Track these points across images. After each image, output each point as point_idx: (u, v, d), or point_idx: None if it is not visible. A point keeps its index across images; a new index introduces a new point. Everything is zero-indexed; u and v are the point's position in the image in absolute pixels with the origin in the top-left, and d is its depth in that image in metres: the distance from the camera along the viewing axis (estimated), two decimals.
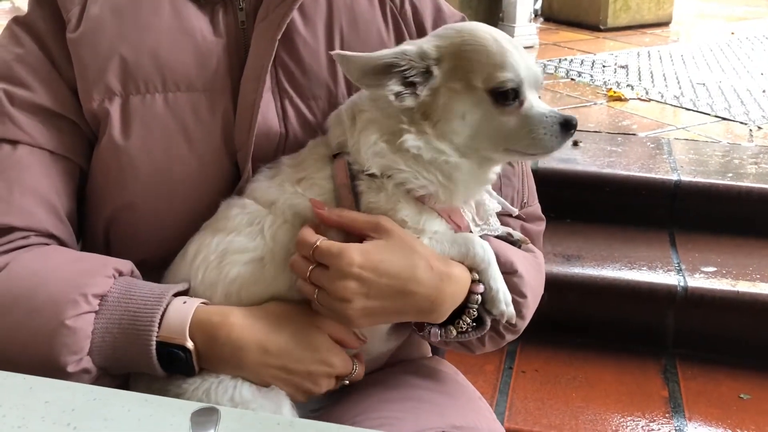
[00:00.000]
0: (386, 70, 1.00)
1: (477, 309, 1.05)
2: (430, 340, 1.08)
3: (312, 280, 0.98)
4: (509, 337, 1.15)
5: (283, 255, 1.02)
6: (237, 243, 1.04)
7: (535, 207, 1.26)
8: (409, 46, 1.02)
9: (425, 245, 1.01)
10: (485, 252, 1.04)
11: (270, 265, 1.03)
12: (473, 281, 1.04)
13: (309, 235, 0.99)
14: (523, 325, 1.14)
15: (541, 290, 1.20)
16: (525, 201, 1.23)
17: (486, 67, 1.00)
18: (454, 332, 1.05)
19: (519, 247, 1.15)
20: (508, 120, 1.00)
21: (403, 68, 1.00)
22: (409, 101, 1.00)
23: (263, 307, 1.03)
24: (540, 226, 1.26)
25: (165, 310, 0.98)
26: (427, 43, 1.03)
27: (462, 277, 1.03)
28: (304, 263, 0.99)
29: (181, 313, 0.98)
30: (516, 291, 1.09)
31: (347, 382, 1.06)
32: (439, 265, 1.00)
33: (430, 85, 1.01)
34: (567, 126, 1.00)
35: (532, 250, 1.19)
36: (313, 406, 1.10)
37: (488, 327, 1.08)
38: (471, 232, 1.08)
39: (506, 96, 1.00)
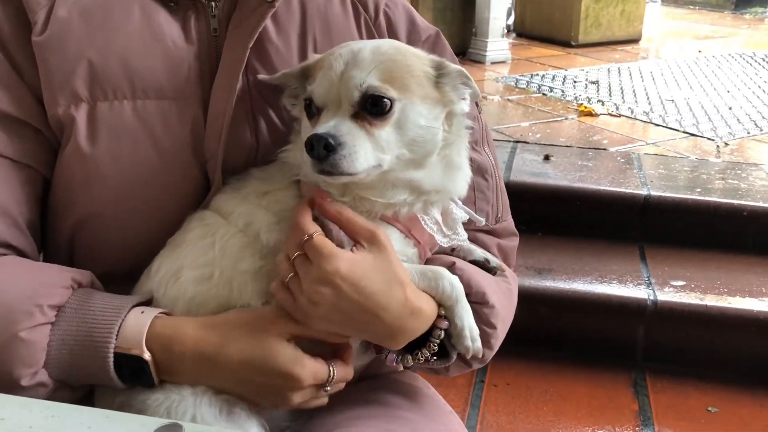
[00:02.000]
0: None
1: (443, 341, 1.04)
2: (386, 363, 1.06)
3: (294, 264, 0.96)
4: (476, 366, 1.13)
5: (231, 271, 1.00)
6: (190, 258, 1.02)
7: (509, 222, 1.25)
8: (293, 68, 1.06)
9: (407, 272, 0.99)
10: (453, 289, 1.01)
11: (220, 284, 1.00)
12: (439, 316, 1.02)
13: (308, 223, 0.96)
14: (490, 354, 1.11)
15: (511, 317, 1.17)
16: (499, 215, 1.22)
17: (312, 81, 1.00)
18: (411, 361, 1.04)
19: (494, 274, 1.12)
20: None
21: (291, 86, 1.06)
22: (294, 113, 1.07)
23: (221, 317, 1.00)
24: (513, 242, 1.25)
25: (123, 321, 0.95)
26: (311, 61, 1.04)
27: (429, 313, 1.01)
28: (294, 246, 0.96)
29: (138, 325, 0.96)
30: (486, 322, 1.07)
31: (329, 389, 1.01)
32: (413, 299, 0.98)
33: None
34: (307, 146, 0.92)
35: (505, 274, 1.16)
36: (281, 424, 1.07)
37: (453, 360, 1.07)
38: (436, 245, 1.07)
39: (309, 108, 1.00)
